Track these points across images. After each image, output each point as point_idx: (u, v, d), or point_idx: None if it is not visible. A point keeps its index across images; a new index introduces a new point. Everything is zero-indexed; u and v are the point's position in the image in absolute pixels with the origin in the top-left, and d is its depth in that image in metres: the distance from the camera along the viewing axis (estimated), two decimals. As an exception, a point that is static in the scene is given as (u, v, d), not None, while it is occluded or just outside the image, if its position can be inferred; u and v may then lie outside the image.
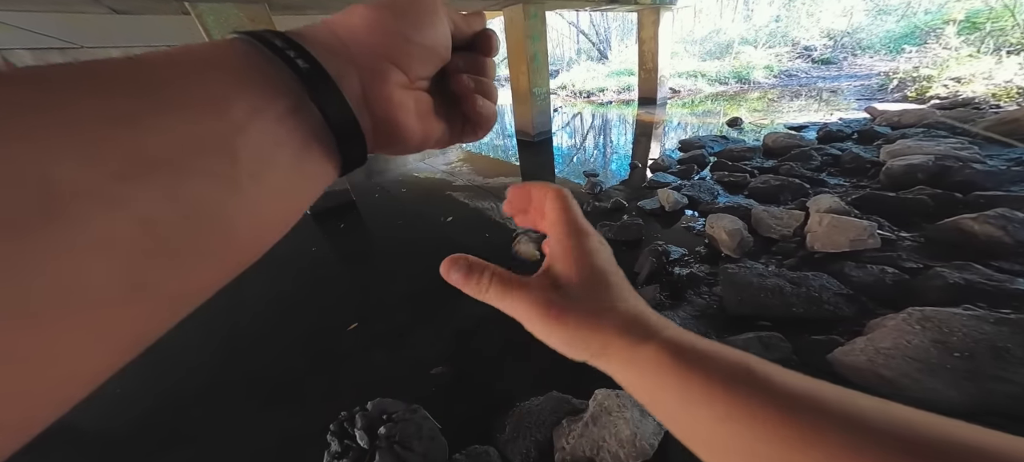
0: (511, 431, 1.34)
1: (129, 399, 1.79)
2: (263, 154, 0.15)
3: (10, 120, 0.10)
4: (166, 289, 0.13)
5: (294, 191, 0.17)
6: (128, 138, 0.11)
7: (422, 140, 0.23)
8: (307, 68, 0.17)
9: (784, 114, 5.93)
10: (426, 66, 0.22)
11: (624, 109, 8.09)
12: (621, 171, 4.11)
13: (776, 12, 13.02)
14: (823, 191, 2.72)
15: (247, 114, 0.15)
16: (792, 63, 10.61)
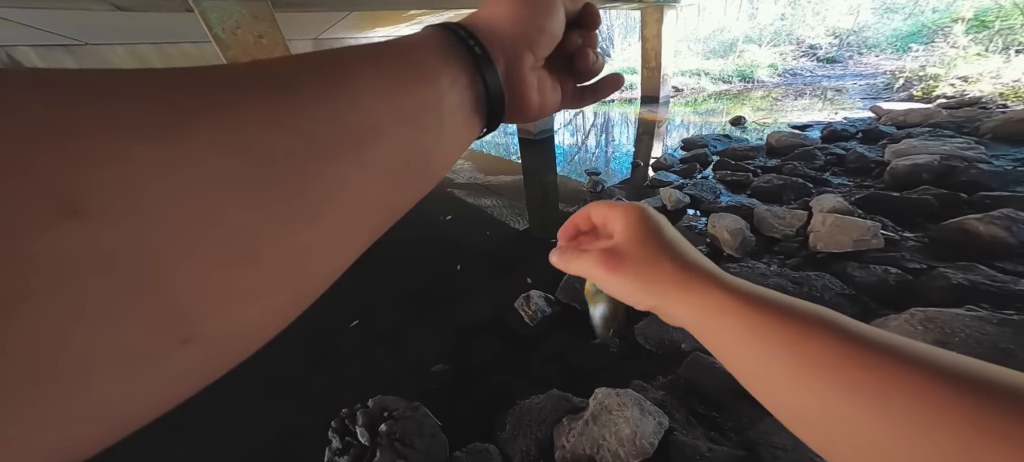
0: (511, 429, 1.34)
1: None
2: (453, 112, 0.21)
3: (348, 78, 0.16)
4: (398, 200, 0.19)
5: (461, 141, 0.23)
6: (401, 97, 0.17)
7: (540, 111, 0.28)
8: (481, 53, 0.22)
9: (788, 113, 5.89)
10: (549, 49, 0.26)
11: (626, 107, 8.06)
12: (623, 170, 4.10)
13: (781, 10, 12.91)
14: (827, 191, 2.70)
15: (449, 84, 0.20)
16: (797, 62, 10.53)
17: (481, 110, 0.23)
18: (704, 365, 1.45)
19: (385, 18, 7.83)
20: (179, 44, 8.10)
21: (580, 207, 0.34)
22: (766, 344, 0.21)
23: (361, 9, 3.81)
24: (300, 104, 0.13)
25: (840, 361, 0.18)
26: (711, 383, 1.41)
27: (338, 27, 8.35)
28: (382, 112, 0.16)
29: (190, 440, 1.55)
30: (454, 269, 2.43)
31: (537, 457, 1.25)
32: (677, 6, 6.79)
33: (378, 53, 0.18)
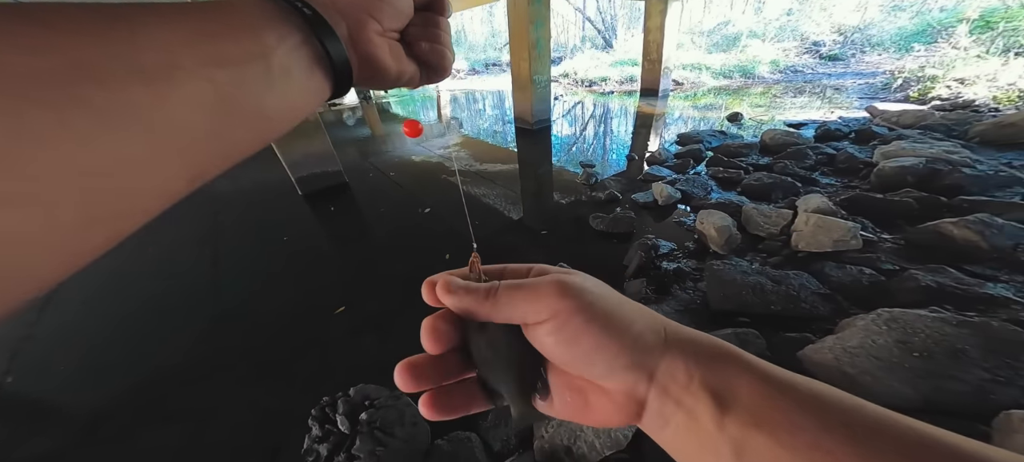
0: (494, 418, 1.36)
1: (108, 372, 1.79)
2: (286, 66, 0.22)
3: (154, 27, 0.17)
4: (227, 138, 0.20)
5: (303, 96, 0.24)
6: (212, 47, 0.19)
7: (397, 75, 0.30)
8: (311, 14, 0.23)
9: (785, 111, 5.89)
10: (395, 21, 0.29)
11: (626, 100, 8.02)
12: (618, 162, 4.12)
13: (789, 5, 12.75)
14: (814, 190, 2.74)
15: (276, 41, 0.21)
16: (799, 58, 10.47)
17: (324, 69, 0.24)
18: None
19: (382, 0, 7.71)
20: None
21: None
22: None
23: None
24: (68, 33, 0.14)
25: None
26: None
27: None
28: (184, 55, 0.17)
29: (169, 420, 1.54)
30: (444, 257, 2.44)
31: (517, 446, 1.29)
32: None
33: (190, 8, 0.19)
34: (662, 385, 0.21)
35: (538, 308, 0.23)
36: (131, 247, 2.86)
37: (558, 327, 0.22)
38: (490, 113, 7.99)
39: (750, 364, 0.20)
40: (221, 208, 3.57)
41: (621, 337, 0.22)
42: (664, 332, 0.22)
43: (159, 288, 2.43)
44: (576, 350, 0.22)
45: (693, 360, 0.21)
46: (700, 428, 0.20)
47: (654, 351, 0.22)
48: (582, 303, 0.22)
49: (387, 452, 1.17)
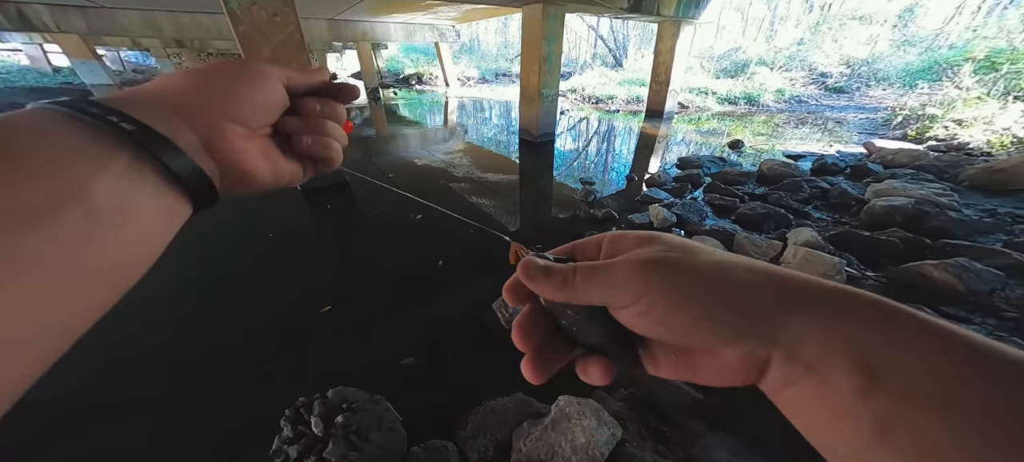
0: (473, 428, 1.34)
1: (80, 365, 1.69)
2: (117, 198, 0.17)
3: None
4: (60, 315, 0.16)
5: (153, 225, 0.20)
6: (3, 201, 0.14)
7: (274, 178, 0.28)
8: (134, 129, 0.19)
9: (786, 141, 5.97)
10: (262, 118, 0.26)
11: (630, 119, 8.12)
12: (618, 181, 4.18)
13: (801, 35, 12.89)
14: (805, 224, 2.79)
15: (93, 169, 0.17)
16: (804, 89, 10.61)
17: (175, 186, 0.20)
18: (664, 383, 1.54)
19: (401, 5, 7.90)
20: (194, 13, 8.14)
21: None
22: None
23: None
24: None
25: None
26: (667, 398, 1.49)
27: (355, 10, 8.38)
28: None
29: (138, 416, 1.49)
30: (436, 264, 2.47)
31: (494, 458, 1.28)
32: (696, 22, 6.76)
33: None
34: (788, 349, 0.18)
35: (618, 294, 0.21)
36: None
37: (644, 310, 0.20)
38: (496, 122, 8.10)
39: (925, 326, 0.16)
40: (223, 200, 3.63)
41: (722, 311, 0.19)
42: (790, 292, 0.18)
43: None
44: (669, 329, 0.20)
45: (833, 322, 0.17)
46: (835, 396, 0.16)
47: (773, 316, 0.18)
48: (668, 281, 0.19)
49: (360, 457, 1.15)
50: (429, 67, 17.49)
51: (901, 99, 7.44)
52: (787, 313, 0.18)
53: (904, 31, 11.97)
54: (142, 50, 17.70)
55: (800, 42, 12.54)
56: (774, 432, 1.29)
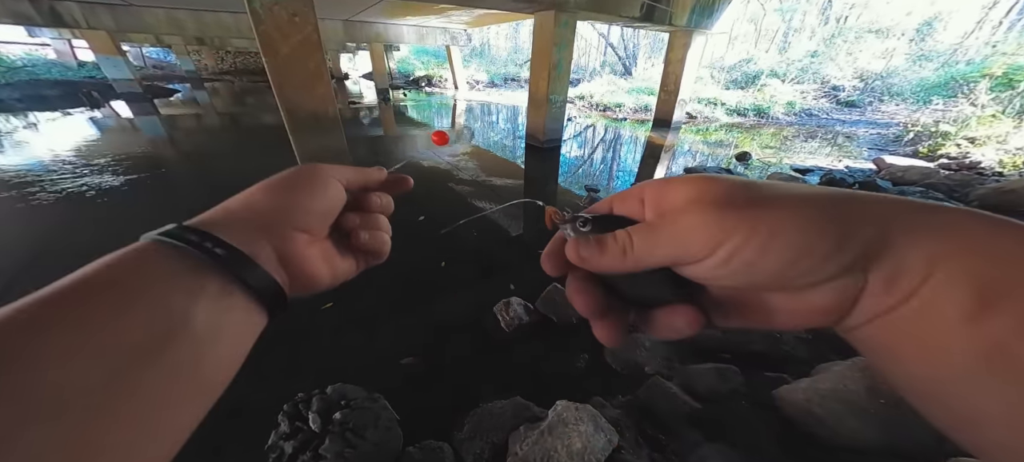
0: (469, 430, 1.34)
1: None
2: (213, 324, 0.19)
3: (35, 337, 0.14)
4: (168, 433, 0.17)
5: (240, 342, 0.21)
6: (112, 342, 0.16)
7: (332, 279, 0.28)
8: (225, 254, 0.20)
9: (794, 154, 5.91)
10: (324, 223, 0.27)
11: (637, 128, 8.13)
12: (622, 189, 4.16)
13: (814, 47, 12.71)
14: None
15: (188, 301, 0.18)
16: (816, 102, 10.52)
17: (256, 303, 0.22)
18: (662, 388, 1.52)
19: (415, 8, 8.04)
20: (216, 12, 8.44)
21: None
22: None
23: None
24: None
25: None
26: (665, 406, 1.48)
27: (370, 11, 8.54)
28: (93, 373, 0.14)
29: None
30: (439, 265, 2.48)
31: (489, 461, 1.28)
32: (707, 33, 6.74)
33: (81, 295, 0.16)
34: (887, 278, 0.16)
35: (693, 249, 0.18)
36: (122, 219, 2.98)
37: (726, 258, 0.17)
38: (502, 126, 8.15)
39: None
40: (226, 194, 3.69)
41: (819, 246, 0.16)
42: (888, 213, 0.16)
43: None
44: (756, 272, 0.17)
45: (940, 241, 0.15)
46: (938, 320, 0.15)
47: (872, 244, 0.16)
48: (752, 219, 0.17)
49: (356, 454, 1.15)
50: (439, 70, 17.67)
51: (914, 115, 7.34)
52: (887, 235, 0.16)
53: (921, 45, 11.79)
54: (164, 47, 18.17)
55: (813, 54, 12.36)
56: (772, 443, 1.28)
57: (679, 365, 1.67)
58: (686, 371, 1.59)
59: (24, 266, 2.38)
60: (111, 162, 4.44)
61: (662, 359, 1.74)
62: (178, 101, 10.48)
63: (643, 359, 1.72)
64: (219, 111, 9.25)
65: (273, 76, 3.19)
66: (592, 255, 0.21)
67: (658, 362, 1.72)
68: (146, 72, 16.82)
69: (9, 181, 3.73)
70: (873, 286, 0.16)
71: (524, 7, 4.64)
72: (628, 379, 1.64)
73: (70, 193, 3.50)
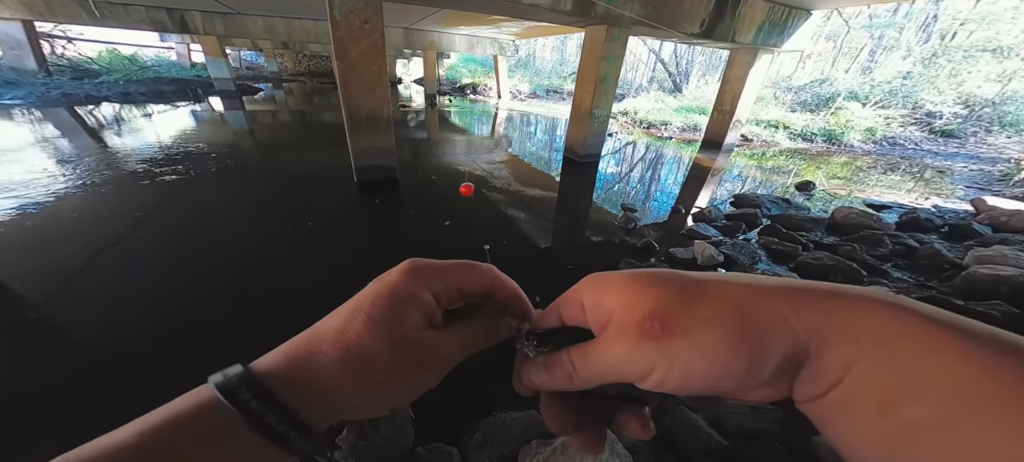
0: (480, 438, 1.33)
1: (119, 323, 1.88)
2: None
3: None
4: None
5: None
6: None
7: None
8: (298, 440, 0.20)
9: (868, 188, 5.27)
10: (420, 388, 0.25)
11: (683, 148, 7.74)
12: (661, 211, 4.00)
13: (909, 67, 11.14)
14: (880, 282, 2.45)
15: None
16: (902, 129, 9.26)
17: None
18: (686, 420, 1.43)
19: (470, 18, 8.44)
20: (301, 20, 9.65)
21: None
22: None
23: (451, 8, 4.17)
24: None
25: None
26: (688, 439, 1.38)
27: (428, 20, 9.17)
28: None
29: (172, 373, 1.58)
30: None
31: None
32: (777, 51, 6.25)
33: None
34: (812, 373, 0.18)
35: (624, 373, 0.20)
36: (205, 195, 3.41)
37: (657, 384, 0.19)
38: (540, 137, 8.20)
39: (952, 336, 0.15)
40: (286, 184, 4.10)
41: (735, 370, 0.18)
42: (804, 317, 0.17)
43: (195, 251, 2.70)
44: (692, 389, 0.19)
45: (853, 344, 0.16)
46: (857, 411, 0.16)
47: (792, 354, 0.17)
48: (673, 348, 0.18)
49: (368, 447, 1.20)
50: (484, 78, 18.25)
51: (1031, 152, 6.21)
52: (805, 342, 0.17)
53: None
54: (256, 50, 20.80)
55: (906, 75, 10.85)
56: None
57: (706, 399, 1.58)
58: (715, 404, 1.50)
59: (127, 231, 2.83)
60: (201, 147, 5.15)
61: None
62: (260, 98, 11.90)
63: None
64: (291, 108, 10.37)
65: (341, 77, 3.51)
66: (542, 381, 0.23)
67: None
68: (240, 72, 19.31)
69: (120, 159, 4.49)
70: (801, 382, 0.18)
71: (576, 21, 4.66)
72: (650, 409, 1.58)
73: (164, 171, 4.12)
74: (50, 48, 11.15)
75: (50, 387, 1.53)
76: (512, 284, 0.29)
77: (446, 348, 0.25)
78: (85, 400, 1.51)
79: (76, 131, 5.93)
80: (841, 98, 10.30)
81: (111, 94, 9.71)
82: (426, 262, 0.26)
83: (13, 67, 9.02)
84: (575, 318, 0.24)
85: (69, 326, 1.87)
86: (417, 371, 0.24)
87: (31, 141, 5.02)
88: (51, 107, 7.68)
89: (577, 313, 0.24)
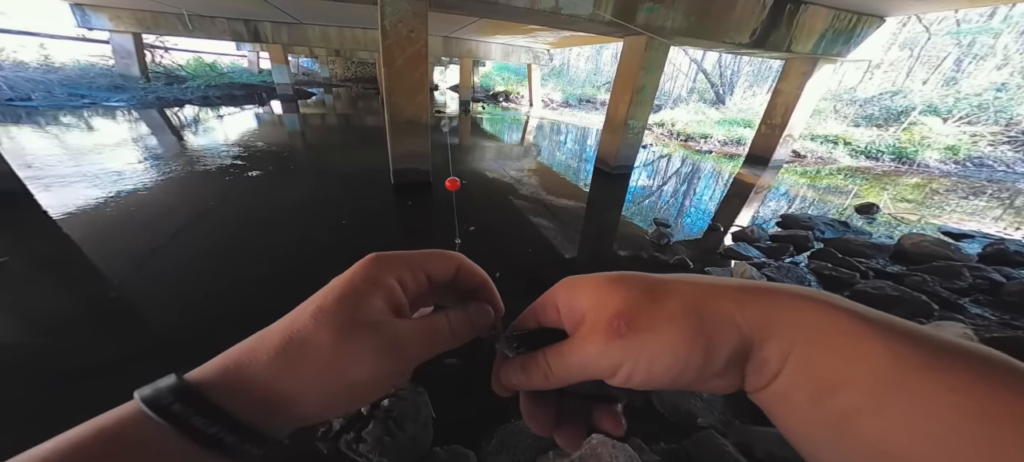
0: (498, 443, 1.34)
1: (178, 306, 2.03)
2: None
3: None
4: None
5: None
6: None
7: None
8: (234, 443, 0.18)
9: (945, 213, 4.66)
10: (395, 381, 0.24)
11: (724, 163, 7.30)
12: (697, 228, 3.80)
13: (1004, 78, 9.76)
14: (955, 317, 2.14)
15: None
16: (993, 149, 8.09)
17: None
18: (715, 446, 1.33)
19: (506, 27, 8.60)
20: (352, 29, 10.45)
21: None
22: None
23: (490, 17, 4.32)
24: None
25: None
26: (712, 460, 1.30)
27: (466, 29, 9.53)
28: None
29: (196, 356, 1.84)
30: (493, 274, 2.57)
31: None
32: (839, 61, 5.65)
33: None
34: (756, 367, 0.20)
35: (595, 371, 0.21)
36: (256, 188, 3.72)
37: (624, 380, 0.21)
38: (571, 147, 8.11)
39: (877, 331, 0.17)
40: (330, 182, 4.37)
41: (694, 364, 0.19)
42: (749, 315, 0.19)
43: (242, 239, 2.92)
44: (654, 385, 0.21)
45: (789, 338, 0.18)
46: (793, 400, 0.18)
47: (740, 348, 0.19)
48: (636, 351, 0.20)
49: (392, 444, 1.23)
50: (517, 87, 18.49)
51: None
52: (750, 337, 0.19)
53: None
54: (312, 57, 22.71)
55: (1000, 88, 9.52)
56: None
57: (738, 423, 1.46)
58: (746, 431, 1.40)
59: (187, 223, 3.17)
60: (260, 147, 5.67)
61: (719, 412, 1.55)
62: (313, 102, 12.94)
63: (697, 409, 1.55)
64: (338, 112, 11.21)
65: (386, 84, 3.73)
66: (520, 381, 0.24)
67: (714, 415, 1.54)
68: (298, 77, 21.17)
69: (195, 155, 5.05)
70: (749, 373, 0.20)
71: (616, 31, 4.59)
72: (675, 427, 1.50)
73: (229, 167, 4.58)
74: (151, 57, 12.87)
75: (116, 361, 1.72)
76: (480, 271, 0.29)
77: (409, 337, 0.23)
78: (145, 374, 1.69)
79: (162, 130, 6.78)
80: (916, 112, 9.24)
81: (193, 98, 10.99)
82: (390, 253, 0.25)
83: (121, 74, 10.53)
84: (551, 320, 0.25)
85: (138, 305, 2.11)
86: (374, 360, 0.21)
87: (125, 138, 5.81)
88: (146, 108, 8.81)
89: (553, 315, 0.25)
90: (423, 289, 0.26)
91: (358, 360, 0.21)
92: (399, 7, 3.40)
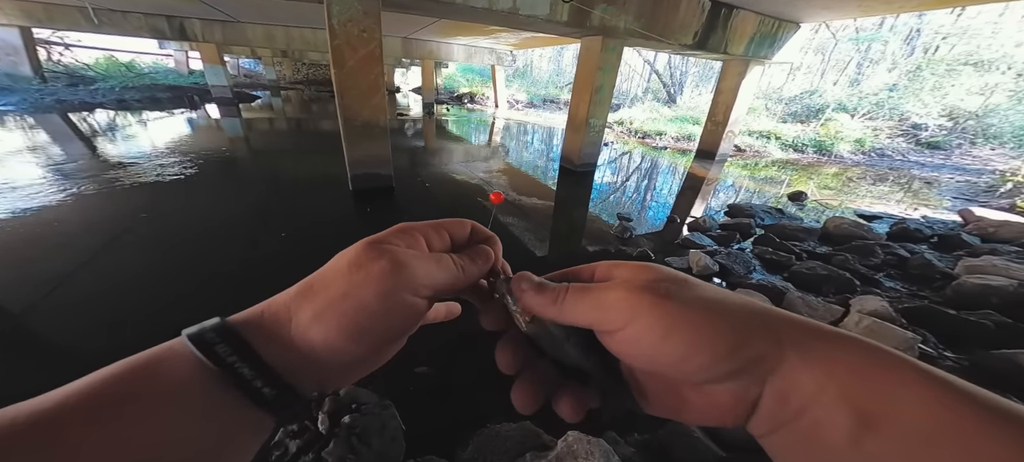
0: (473, 451, 1.32)
1: (98, 333, 1.85)
2: (241, 448, 0.20)
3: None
4: None
5: (252, 451, 0.22)
6: None
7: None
8: (274, 395, 0.20)
9: (858, 198, 5.36)
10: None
11: (678, 158, 7.84)
12: (657, 221, 4.03)
13: (894, 79, 11.45)
14: (874, 292, 2.46)
15: (219, 442, 0.19)
16: (890, 141, 9.45)
17: (276, 420, 0.21)
18: (682, 432, 1.41)
19: (468, 28, 8.48)
20: (300, 28, 9.65)
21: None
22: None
23: (449, 18, 4.22)
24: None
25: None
26: (684, 451, 1.37)
27: (426, 30, 9.26)
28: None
29: None
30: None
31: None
32: (767, 63, 6.38)
33: (110, 407, 0.16)
34: (780, 392, 0.18)
35: (607, 317, 0.21)
36: (196, 201, 3.37)
37: (633, 338, 0.20)
38: (537, 147, 8.24)
39: (920, 373, 0.16)
40: (279, 191, 4.05)
41: (714, 347, 0.18)
42: (783, 333, 0.18)
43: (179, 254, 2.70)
44: (658, 359, 0.19)
45: (827, 367, 0.17)
46: (827, 439, 0.17)
47: (766, 358, 0.18)
48: (660, 309, 0.19)
49: (357, 461, 1.17)
50: (482, 88, 18.38)
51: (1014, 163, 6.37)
52: (780, 352, 0.18)
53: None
54: (255, 58, 20.85)
55: (892, 88, 11.13)
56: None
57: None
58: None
59: (107, 242, 2.77)
60: (194, 154, 5.11)
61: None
62: (257, 106, 11.85)
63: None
64: (288, 116, 10.34)
65: (338, 86, 3.51)
66: (530, 289, 0.24)
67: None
68: (238, 80, 19.32)
69: (110, 165, 4.42)
70: (768, 397, 0.18)
71: (573, 31, 4.73)
72: (648, 418, 1.55)
73: (155, 177, 4.07)
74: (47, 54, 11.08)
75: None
76: (488, 231, 0.31)
77: (417, 259, 0.24)
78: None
79: (68, 137, 5.85)
80: (830, 110, 10.53)
81: (106, 101, 9.65)
82: (414, 223, 0.28)
83: (8, 73, 8.95)
84: (582, 280, 0.26)
85: (48, 332, 1.81)
86: (380, 279, 0.22)
87: (20, 147, 4.94)
88: (44, 113, 7.58)
89: (586, 277, 0.26)
90: (446, 246, 0.28)
91: (368, 279, 0.22)
92: (348, 6, 3.23)
